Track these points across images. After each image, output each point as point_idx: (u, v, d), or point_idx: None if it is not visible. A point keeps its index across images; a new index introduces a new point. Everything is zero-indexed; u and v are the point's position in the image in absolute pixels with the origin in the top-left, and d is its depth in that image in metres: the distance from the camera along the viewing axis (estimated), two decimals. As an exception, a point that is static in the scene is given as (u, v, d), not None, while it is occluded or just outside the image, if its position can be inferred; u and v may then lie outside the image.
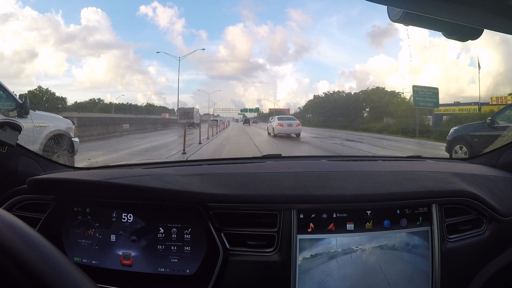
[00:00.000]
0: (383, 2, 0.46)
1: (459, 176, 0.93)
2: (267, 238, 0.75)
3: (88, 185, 0.77)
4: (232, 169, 1.02)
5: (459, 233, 0.83)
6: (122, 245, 0.76)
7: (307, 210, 0.75)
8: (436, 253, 0.78)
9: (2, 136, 0.80)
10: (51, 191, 0.82)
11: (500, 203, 0.88)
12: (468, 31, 0.54)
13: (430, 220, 0.80)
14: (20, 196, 0.86)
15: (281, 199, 0.76)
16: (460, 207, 0.85)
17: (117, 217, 0.78)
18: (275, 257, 0.73)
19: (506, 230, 0.86)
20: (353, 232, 0.75)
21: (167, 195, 0.76)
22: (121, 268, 0.75)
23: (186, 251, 0.74)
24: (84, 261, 0.76)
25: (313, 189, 0.79)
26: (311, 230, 0.74)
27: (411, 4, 0.47)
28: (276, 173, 0.89)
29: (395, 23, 0.53)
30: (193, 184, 0.80)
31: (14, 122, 0.81)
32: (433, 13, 0.48)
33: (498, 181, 0.98)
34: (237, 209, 0.77)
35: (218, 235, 0.74)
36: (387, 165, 1.10)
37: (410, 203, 0.79)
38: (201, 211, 0.76)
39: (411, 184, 0.83)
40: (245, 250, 0.75)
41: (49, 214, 0.79)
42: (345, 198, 0.77)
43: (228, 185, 0.81)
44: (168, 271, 0.74)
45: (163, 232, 0.75)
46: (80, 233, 0.78)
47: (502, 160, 1.11)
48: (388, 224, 0.77)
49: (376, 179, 0.85)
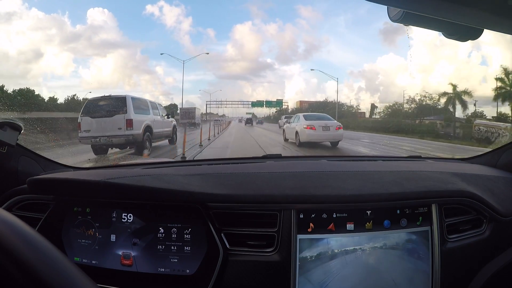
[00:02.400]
0: (383, 2, 0.46)
1: (459, 176, 0.93)
2: (267, 238, 0.75)
3: (88, 185, 0.77)
4: (232, 169, 1.02)
5: (459, 233, 0.83)
6: (122, 245, 0.76)
7: (307, 210, 0.75)
8: (436, 253, 0.78)
9: (2, 136, 0.80)
10: (51, 191, 0.82)
11: (500, 203, 0.88)
12: (468, 31, 0.54)
13: (430, 220, 0.80)
14: (20, 196, 0.86)
15: (281, 199, 0.76)
16: (460, 207, 0.85)
17: (117, 217, 0.78)
18: (275, 257, 0.73)
19: (506, 230, 0.86)
20: (353, 232, 0.75)
21: (167, 195, 0.76)
22: (121, 268, 0.75)
23: (186, 251, 0.74)
24: (84, 261, 0.76)
25: (313, 189, 0.79)
26: (311, 230, 0.74)
27: (411, 4, 0.47)
28: (276, 173, 0.89)
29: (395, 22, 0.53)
30: (193, 184, 0.80)
31: (14, 122, 0.81)
32: (433, 13, 0.48)
33: (498, 181, 0.98)
34: (237, 209, 0.77)
35: (218, 235, 0.74)
36: (387, 165, 1.10)
37: (410, 203, 0.79)
38: (201, 211, 0.75)
39: (411, 184, 0.83)
40: (245, 250, 0.75)
41: (49, 214, 0.79)
42: (345, 198, 0.77)
43: (228, 185, 0.81)
44: (168, 271, 0.74)
45: (163, 232, 0.75)
46: (80, 233, 0.78)
47: (502, 160, 1.11)
48: (388, 224, 0.77)
49: (376, 179, 0.85)
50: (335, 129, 8.05)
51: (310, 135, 7.81)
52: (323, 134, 7.93)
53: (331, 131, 7.95)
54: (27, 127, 0.89)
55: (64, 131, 7.15)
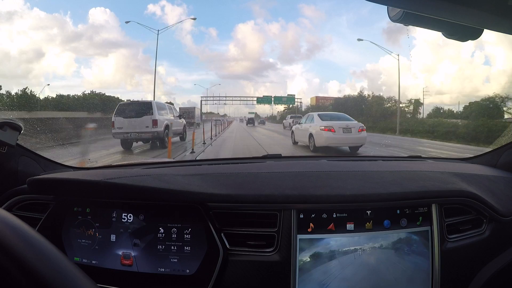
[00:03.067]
0: (383, 2, 0.46)
1: (459, 176, 0.93)
2: (267, 238, 0.75)
3: (88, 185, 0.77)
4: (232, 169, 1.02)
5: (459, 233, 0.83)
6: (122, 245, 0.76)
7: (307, 210, 0.75)
8: (436, 253, 0.78)
9: (2, 136, 0.80)
10: (51, 191, 0.82)
11: (500, 203, 0.88)
12: (468, 31, 0.54)
13: (430, 220, 0.80)
14: (20, 196, 0.86)
15: (281, 199, 0.76)
16: (460, 207, 0.85)
17: (117, 217, 0.78)
18: (275, 257, 0.73)
19: (506, 230, 0.86)
20: (353, 232, 0.75)
21: (167, 195, 0.76)
22: (121, 268, 0.75)
23: (186, 251, 0.74)
24: (84, 261, 0.76)
25: (313, 189, 0.79)
26: (311, 230, 0.74)
27: (411, 4, 0.47)
28: (276, 173, 0.89)
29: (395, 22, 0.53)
30: (193, 184, 0.80)
31: (14, 122, 0.81)
32: (433, 13, 0.48)
33: (498, 181, 0.98)
34: (237, 209, 0.77)
35: (218, 235, 0.74)
36: (387, 165, 1.10)
37: (410, 203, 0.79)
38: (201, 211, 0.76)
39: (411, 184, 0.83)
40: (245, 250, 0.75)
41: (49, 214, 0.79)
42: (345, 198, 0.77)
43: (228, 185, 0.81)
44: (168, 271, 0.74)
45: (163, 232, 0.75)
46: (80, 233, 0.78)
47: (502, 160, 1.11)
48: (388, 224, 0.77)
49: (376, 179, 0.85)
50: (358, 131, 6.63)
51: (328, 138, 6.47)
52: (344, 137, 6.55)
53: (353, 133, 6.57)
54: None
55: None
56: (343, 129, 6.67)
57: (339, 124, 6.82)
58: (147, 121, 7.43)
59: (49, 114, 12.67)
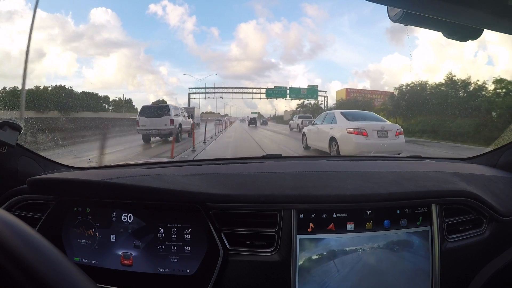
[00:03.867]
0: (383, 2, 0.46)
1: (459, 176, 0.93)
2: (267, 238, 0.75)
3: (88, 185, 0.77)
4: (232, 169, 1.02)
5: (459, 233, 0.83)
6: (122, 245, 0.76)
7: (307, 210, 0.75)
8: (436, 253, 0.78)
9: (2, 136, 0.80)
10: (51, 191, 0.82)
11: (500, 203, 0.88)
12: (468, 31, 0.54)
13: (430, 220, 0.80)
14: (20, 196, 0.86)
15: (281, 199, 0.76)
16: (460, 207, 0.85)
17: (117, 217, 0.78)
18: (275, 257, 0.73)
19: (506, 230, 0.86)
20: (353, 232, 0.75)
21: (167, 195, 0.76)
22: (121, 268, 0.75)
23: (186, 251, 0.74)
24: (84, 261, 0.76)
25: (313, 189, 0.79)
26: (311, 230, 0.74)
27: (411, 4, 0.47)
28: (276, 173, 0.89)
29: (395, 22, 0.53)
30: (193, 184, 0.80)
31: (14, 122, 0.81)
32: (433, 13, 0.48)
33: (498, 181, 0.98)
34: (237, 209, 0.77)
35: (218, 235, 0.74)
36: (387, 165, 1.10)
37: (410, 203, 0.79)
38: (201, 211, 0.76)
39: (411, 184, 0.83)
40: (245, 250, 0.75)
41: (49, 214, 0.79)
42: (345, 198, 0.77)
43: (228, 185, 0.81)
44: (168, 271, 0.74)
45: (163, 232, 0.75)
46: (80, 233, 0.78)
47: (502, 160, 1.11)
48: (388, 224, 0.77)
49: (376, 179, 0.85)
50: (395, 134, 5.18)
51: (359, 144, 4.94)
52: (379, 143, 5.00)
53: (389, 137, 5.09)
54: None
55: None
56: (378, 131, 5.11)
57: (373, 125, 5.22)
58: (165, 120, 9.37)
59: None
